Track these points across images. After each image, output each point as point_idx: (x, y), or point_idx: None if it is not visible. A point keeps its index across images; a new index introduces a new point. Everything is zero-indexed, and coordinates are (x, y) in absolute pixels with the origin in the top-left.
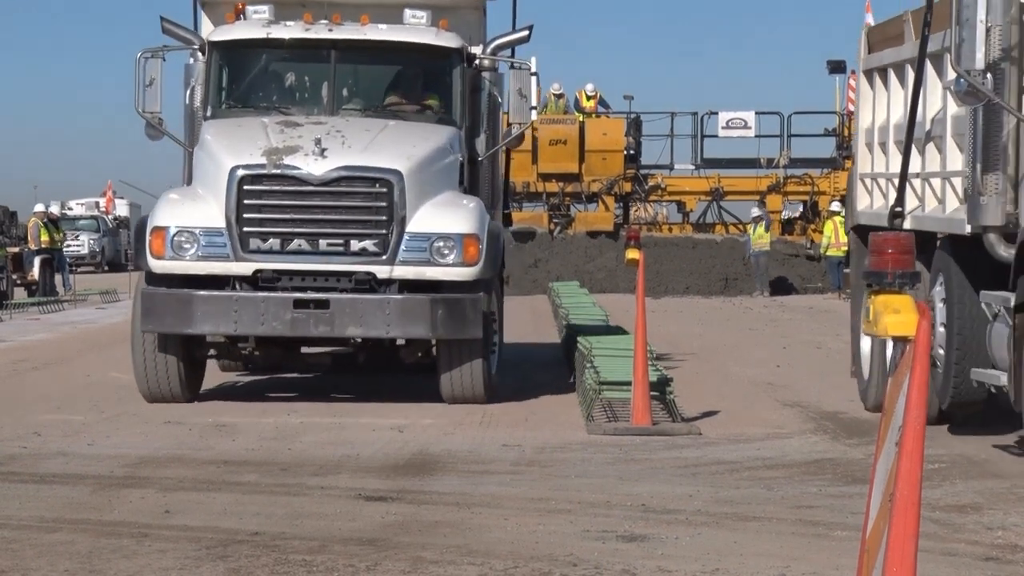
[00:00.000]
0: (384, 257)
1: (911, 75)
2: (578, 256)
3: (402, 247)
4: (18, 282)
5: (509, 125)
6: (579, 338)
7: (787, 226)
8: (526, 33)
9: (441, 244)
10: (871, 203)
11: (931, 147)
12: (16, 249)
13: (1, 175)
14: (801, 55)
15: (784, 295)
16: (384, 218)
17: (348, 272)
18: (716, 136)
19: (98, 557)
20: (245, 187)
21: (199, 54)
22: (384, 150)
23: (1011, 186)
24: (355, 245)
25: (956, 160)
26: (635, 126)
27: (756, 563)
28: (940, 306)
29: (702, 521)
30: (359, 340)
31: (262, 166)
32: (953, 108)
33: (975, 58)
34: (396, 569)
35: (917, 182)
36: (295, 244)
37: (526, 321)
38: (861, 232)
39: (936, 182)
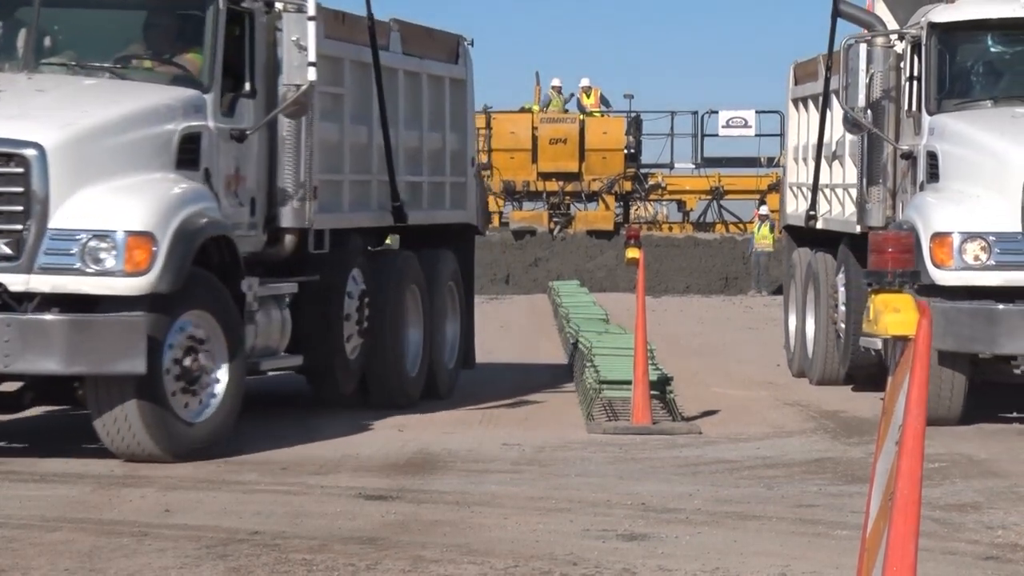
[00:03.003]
0: (18, 262)
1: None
2: (578, 255)
3: (43, 248)
4: None
5: (284, 87)
6: (579, 337)
7: None
8: None
9: (96, 245)
10: (796, 207)
11: (836, 164)
12: None
13: None
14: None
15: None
16: (19, 208)
17: None
18: (716, 135)
19: (98, 556)
20: None
21: None
22: (35, 117)
23: (889, 195)
24: None
25: (852, 174)
26: (635, 125)
27: (756, 562)
28: (842, 289)
29: (702, 520)
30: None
31: None
32: (849, 134)
33: (859, 98)
34: (396, 568)
35: (827, 191)
36: None
37: (526, 321)
38: (791, 231)
39: (839, 191)
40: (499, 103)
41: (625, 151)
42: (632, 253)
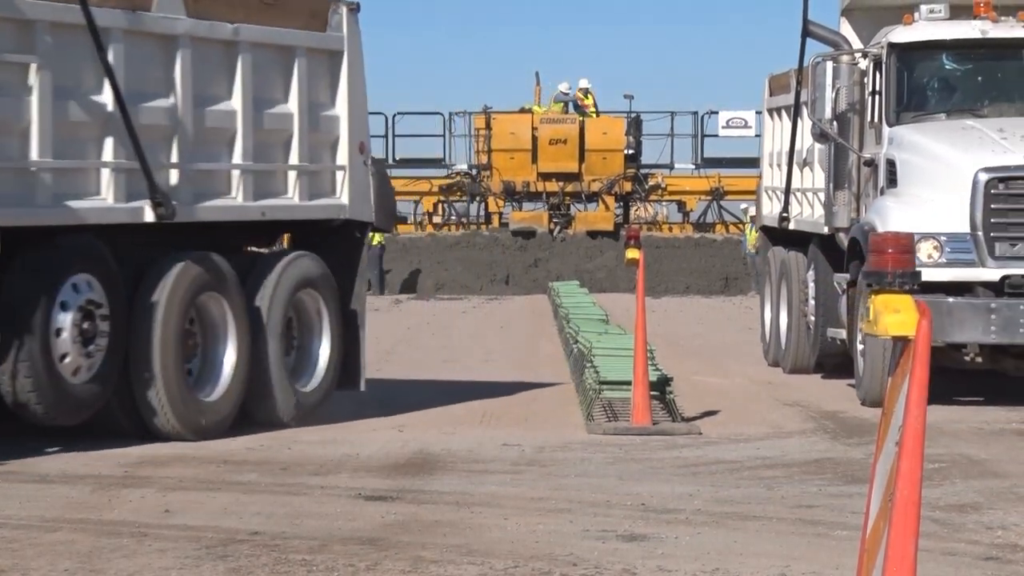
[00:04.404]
0: None
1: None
2: (578, 256)
3: None
4: None
5: None
6: (579, 337)
7: None
8: None
9: None
10: (772, 209)
11: (806, 170)
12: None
13: None
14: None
15: None
16: None
17: None
18: (716, 136)
19: (98, 556)
20: None
21: None
22: None
23: (854, 199)
24: None
25: (820, 180)
26: (635, 126)
27: (756, 563)
28: (811, 285)
29: (702, 521)
30: None
31: None
32: (817, 143)
33: (825, 110)
34: (396, 569)
35: (798, 194)
36: None
37: (526, 321)
38: (766, 231)
39: (809, 195)
40: (499, 103)
41: (625, 151)
42: (632, 254)
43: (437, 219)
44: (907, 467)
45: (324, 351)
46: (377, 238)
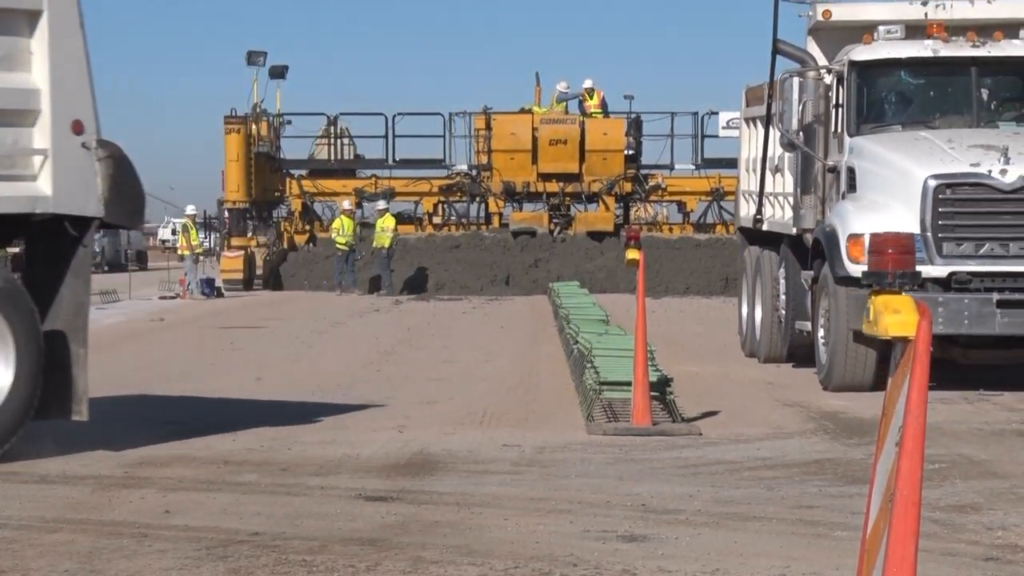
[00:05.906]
0: None
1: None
2: (578, 256)
3: None
4: None
5: None
6: (579, 338)
7: None
8: None
9: None
10: (747, 211)
11: (778, 175)
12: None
13: None
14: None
15: None
16: None
17: None
18: (716, 136)
19: (98, 557)
20: None
21: None
22: None
23: (819, 203)
24: None
25: (790, 184)
26: (635, 126)
27: (756, 563)
28: (782, 282)
29: (702, 521)
30: None
31: None
32: (786, 152)
33: (792, 122)
34: (396, 569)
35: (771, 198)
36: None
37: (526, 322)
38: (744, 232)
39: (780, 198)
40: (499, 103)
41: (625, 152)
42: (632, 254)
43: (437, 220)
44: (907, 467)
45: (2, 376)
46: (386, 240)
